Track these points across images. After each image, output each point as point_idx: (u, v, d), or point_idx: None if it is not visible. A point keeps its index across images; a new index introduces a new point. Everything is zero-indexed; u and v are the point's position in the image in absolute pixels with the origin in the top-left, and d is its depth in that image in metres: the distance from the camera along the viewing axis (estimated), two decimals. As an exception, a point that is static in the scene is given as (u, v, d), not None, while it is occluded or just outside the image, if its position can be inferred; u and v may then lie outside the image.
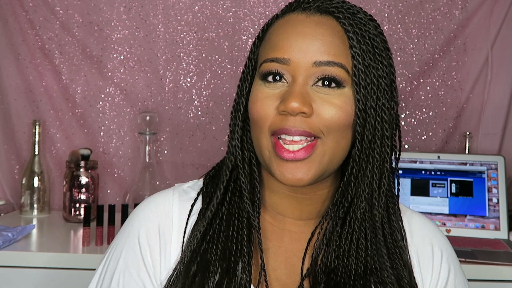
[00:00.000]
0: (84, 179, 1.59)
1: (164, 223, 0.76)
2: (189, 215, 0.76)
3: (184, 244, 0.74)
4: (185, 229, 0.75)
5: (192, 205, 0.77)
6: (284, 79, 0.69)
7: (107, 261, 0.77)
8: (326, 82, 0.68)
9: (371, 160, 0.71)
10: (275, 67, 0.69)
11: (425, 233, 0.80)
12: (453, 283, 0.77)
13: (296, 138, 0.67)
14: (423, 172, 1.50)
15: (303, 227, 0.76)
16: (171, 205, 0.77)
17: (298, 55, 0.67)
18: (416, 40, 1.76)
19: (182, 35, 1.78)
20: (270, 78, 0.69)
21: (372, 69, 0.69)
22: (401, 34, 1.76)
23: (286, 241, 0.75)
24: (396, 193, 0.78)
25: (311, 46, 0.67)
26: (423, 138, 1.77)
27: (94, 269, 0.79)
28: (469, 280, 0.83)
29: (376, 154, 0.71)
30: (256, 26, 1.77)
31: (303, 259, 0.72)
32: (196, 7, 1.77)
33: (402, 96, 1.77)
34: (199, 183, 0.81)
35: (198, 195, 0.78)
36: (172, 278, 0.71)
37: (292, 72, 0.68)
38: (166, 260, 0.74)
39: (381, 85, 0.70)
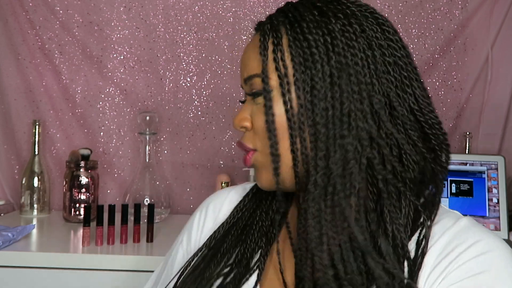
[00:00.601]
0: (84, 179, 1.59)
1: (215, 202, 0.86)
2: (244, 199, 0.82)
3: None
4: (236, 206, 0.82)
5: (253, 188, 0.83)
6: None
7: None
8: (254, 96, 0.70)
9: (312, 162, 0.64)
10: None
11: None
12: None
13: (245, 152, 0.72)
14: (423, 172, 1.50)
15: None
16: (227, 193, 0.87)
17: (241, 77, 0.73)
18: (416, 40, 1.76)
19: (182, 35, 1.78)
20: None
21: (305, 68, 0.64)
22: (401, 34, 1.75)
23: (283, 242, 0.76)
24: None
25: (243, 66, 0.72)
26: (423, 138, 1.77)
27: (94, 269, 0.80)
28: None
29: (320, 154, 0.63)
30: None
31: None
32: (196, 7, 1.77)
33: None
34: None
35: (252, 188, 0.84)
36: (195, 259, 0.77)
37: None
38: (203, 231, 0.84)
39: (319, 78, 0.63)
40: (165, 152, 1.79)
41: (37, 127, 1.66)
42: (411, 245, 0.63)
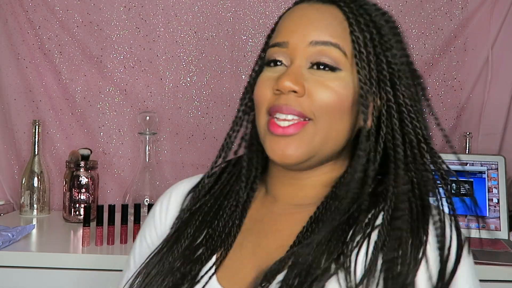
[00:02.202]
0: (84, 179, 1.59)
1: (175, 191, 0.85)
2: (198, 185, 0.83)
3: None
4: (189, 192, 0.82)
5: (207, 173, 0.84)
6: (284, 63, 0.72)
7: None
8: (321, 66, 0.69)
9: (380, 150, 0.70)
10: (276, 52, 0.72)
11: None
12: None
13: (289, 116, 0.69)
14: (423, 172, 1.50)
15: (286, 211, 0.76)
16: (186, 181, 0.86)
17: (295, 36, 0.70)
18: (416, 40, 1.76)
19: (182, 35, 1.78)
20: (272, 64, 0.72)
21: (374, 56, 0.70)
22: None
23: (265, 222, 0.75)
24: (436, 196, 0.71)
25: (309, 27, 0.70)
26: (423, 138, 1.77)
27: (94, 269, 0.80)
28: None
29: (395, 135, 0.70)
30: (256, 26, 1.77)
31: (294, 241, 0.70)
32: (196, 7, 1.77)
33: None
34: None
35: (207, 173, 0.84)
36: (158, 247, 0.77)
37: (290, 55, 0.71)
38: (172, 220, 0.82)
39: (382, 73, 0.70)
40: (165, 152, 1.79)
41: (37, 127, 1.66)
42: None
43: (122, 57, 1.77)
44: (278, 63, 0.71)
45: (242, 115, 0.79)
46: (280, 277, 0.64)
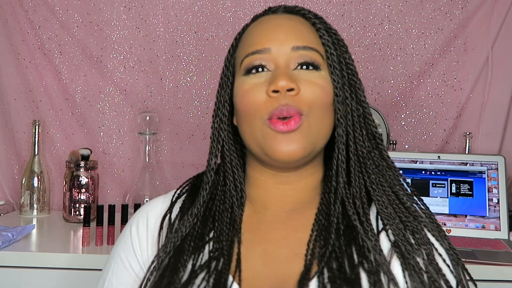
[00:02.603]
0: (84, 179, 1.59)
1: (152, 212, 0.82)
2: (172, 202, 0.81)
3: (166, 232, 0.78)
4: (164, 216, 0.79)
5: (175, 194, 0.83)
6: (267, 68, 0.73)
7: (108, 260, 0.82)
8: (304, 66, 0.73)
9: (357, 140, 0.75)
10: (257, 59, 0.74)
11: None
12: None
13: (289, 117, 0.71)
14: (423, 172, 1.50)
15: (282, 218, 0.76)
16: (161, 201, 0.84)
17: (277, 43, 0.73)
18: (416, 40, 1.76)
19: (182, 35, 1.78)
20: (253, 71, 0.74)
21: (340, 57, 0.76)
22: (401, 34, 1.76)
23: (263, 231, 0.75)
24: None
25: (288, 34, 0.74)
26: (423, 138, 1.77)
27: (94, 269, 0.80)
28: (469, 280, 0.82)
29: (358, 131, 0.76)
30: (256, 26, 1.77)
31: (307, 248, 0.71)
32: (196, 7, 1.77)
33: (402, 96, 1.77)
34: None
35: (180, 187, 0.84)
36: (151, 269, 0.74)
37: (274, 60, 0.73)
38: (153, 244, 0.78)
39: (349, 69, 0.77)
40: (165, 152, 1.79)
41: (37, 127, 1.66)
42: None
43: (122, 57, 1.77)
44: (260, 68, 0.73)
45: (219, 130, 0.81)
46: (312, 285, 0.66)
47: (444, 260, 0.72)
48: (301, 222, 0.75)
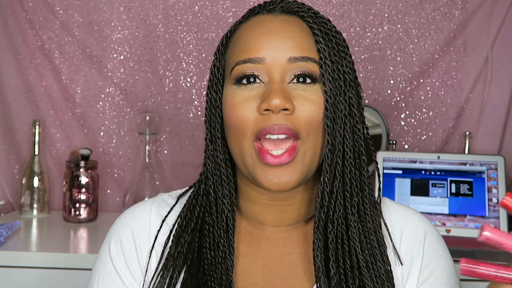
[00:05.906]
0: (84, 179, 1.59)
1: (139, 228, 0.75)
2: (163, 220, 0.76)
3: (159, 249, 0.74)
4: (157, 235, 0.75)
5: (169, 212, 0.78)
6: (259, 79, 0.68)
7: (90, 279, 0.78)
8: (301, 79, 0.68)
9: (345, 155, 0.69)
10: (249, 68, 0.68)
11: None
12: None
13: (281, 136, 0.66)
14: (423, 172, 1.50)
15: (282, 233, 0.74)
16: (148, 214, 0.77)
17: (272, 53, 0.67)
18: (416, 40, 1.76)
19: (182, 35, 1.78)
20: (244, 81, 0.68)
21: (337, 64, 0.69)
22: (401, 34, 1.76)
23: (264, 247, 0.74)
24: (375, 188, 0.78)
25: (284, 43, 0.68)
26: (423, 138, 1.77)
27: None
28: (469, 280, 0.82)
29: (347, 148, 0.69)
30: (256, 26, 1.77)
31: (315, 263, 0.69)
32: (196, 7, 1.77)
33: (402, 96, 1.77)
34: (183, 192, 0.81)
35: (176, 202, 0.79)
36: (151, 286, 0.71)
37: (267, 71, 0.67)
38: (145, 262, 0.74)
39: (346, 80, 0.69)
40: (165, 152, 1.79)
41: (37, 127, 1.66)
42: None
43: (122, 57, 1.77)
44: (252, 79, 0.68)
45: (214, 144, 0.73)
46: None
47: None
48: (302, 237, 0.73)
